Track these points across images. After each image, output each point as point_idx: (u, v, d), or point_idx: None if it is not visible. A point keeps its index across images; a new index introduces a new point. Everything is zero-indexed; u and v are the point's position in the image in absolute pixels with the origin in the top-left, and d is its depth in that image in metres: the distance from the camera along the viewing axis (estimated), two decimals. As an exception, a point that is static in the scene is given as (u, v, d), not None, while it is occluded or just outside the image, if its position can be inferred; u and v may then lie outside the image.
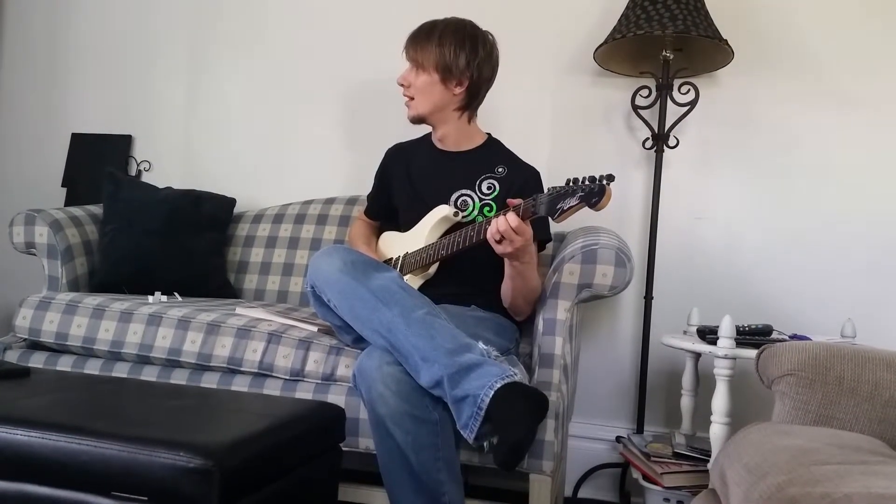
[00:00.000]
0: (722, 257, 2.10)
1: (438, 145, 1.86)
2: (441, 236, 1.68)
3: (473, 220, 1.70)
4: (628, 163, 2.16)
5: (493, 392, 1.23)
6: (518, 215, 1.42)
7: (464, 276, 1.70)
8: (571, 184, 1.38)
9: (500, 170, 1.78)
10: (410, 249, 1.74)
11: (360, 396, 1.38)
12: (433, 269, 1.70)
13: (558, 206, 1.37)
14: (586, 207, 1.34)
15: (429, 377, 1.28)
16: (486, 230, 1.47)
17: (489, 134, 1.88)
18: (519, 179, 1.76)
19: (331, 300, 1.45)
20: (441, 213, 1.71)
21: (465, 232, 1.57)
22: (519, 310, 1.67)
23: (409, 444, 1.29)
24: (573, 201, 1.35)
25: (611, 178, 1.33)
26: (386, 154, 1.96)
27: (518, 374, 1.28)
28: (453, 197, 1.77)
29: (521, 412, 1.24)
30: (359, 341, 1.49)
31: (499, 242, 1.44)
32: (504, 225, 1.41)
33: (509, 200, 1.47)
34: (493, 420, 1.24)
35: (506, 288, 1.62)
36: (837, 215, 2.03)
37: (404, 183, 1.87)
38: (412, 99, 1.77)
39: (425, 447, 1.29)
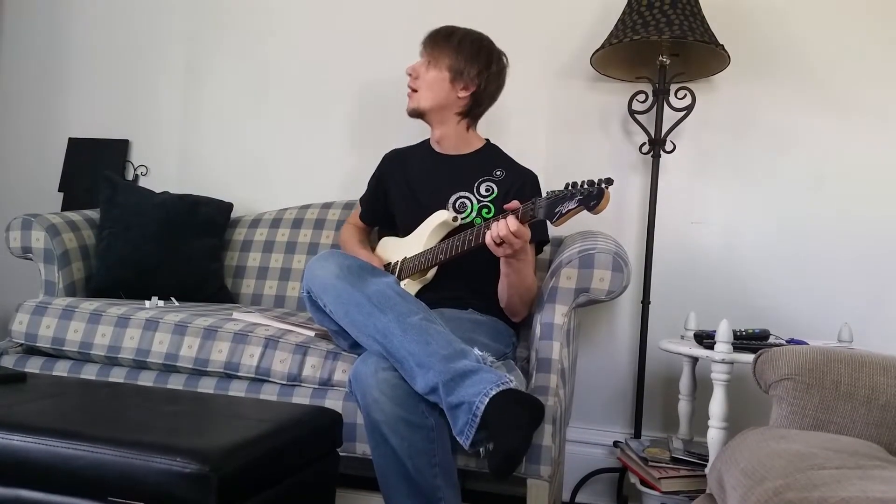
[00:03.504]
0: (719, 262, 2.11)
1: (437, 148, 1.87)
2: (440, 241, 1.68)
3: (472, 223, 1.71)
4: (625, 168, 2.16)
5: (488, 399, 1.23)
6: (517, 219, 1.43)
7: (462, 279, 1.70)
8: (570, 188, 1.39)
9: (497, 173, 1.80)
10: (409, 254, 1.74)
11: (356, 402, 1.38)
12: (432, 273, 1.71)
13: (557, 210, 1.38)
14: (585, 211, 1.35)
15: (424, 383, 1.28)
16: (484, 234, 1.48)
17: (487, 140, 1.90)
18: (517, 182, 1.77)
19: (327, 305, 1.45)
20: (440, 219, 1.71)
21: (463, 236, 1.57)
22: (515, 310, 1.67)
23: (405, 449, 1.28)
24: (571, 205, 1.36)
25: (609, 181, 1.34)
26: (383, 159, 1.97)
27: (514, 381, 1.28)
28: (451, 199, 1.77)
29: (517, 419, 1.23)
30: (356, 346, 1.49)
31: (498, 245, 1.45)
32: (504, 230, 1.43)
33: (507, 206, 1.48)
34: (488, 427, 1.24)
35: (502, 286, 1.63)
36: (834, 220, 2.03)
37: (402, 187, 1.87)
38: (415, 91, 1.79)
39: (421, 453, 1.29)
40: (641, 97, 2.06)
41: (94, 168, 2.54)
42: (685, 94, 2.01)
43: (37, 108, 2.74)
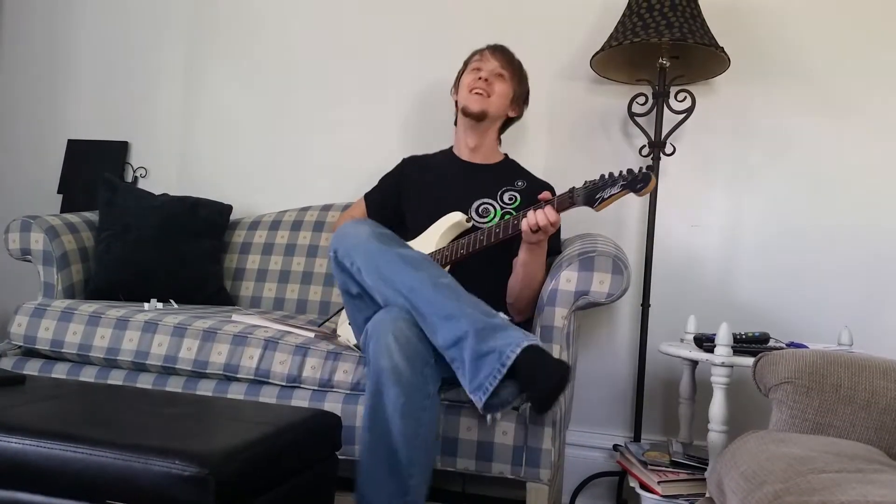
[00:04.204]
0: (719, 265, 2.10)
1: (462, 156, 1.94)
2: (451, 242, 1.69)
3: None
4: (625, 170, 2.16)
5: (520, 349, 1.26)
6: (554, 207, 1.50)
7: (473, 286, 1.70)
8: (608, 176, 1.47)
9: (519, 183, 1.87)
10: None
11: (366, 358, 1.38)
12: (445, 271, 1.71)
13: (598, 196, 1.45)
14: (630, 194, 1.42)
15: (450, 333, 1.30)
16: (515, 224, 1.54)
17: (506, 154, 1.98)
18: (537, 192, 1.80)
19: (354, 263, 1.45)
20: (453, 220, 1.74)
21: (490, 230, 1.60)
22: (522, 305, 1.69)
23: (399, 405, 1.29)
24: (615, 189, 1.43)
25: (651, 168, 1.37)
26: (403, 161, 2.02)
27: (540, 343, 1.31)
28: (475, 204, 1.82)
29: (550, 369, 1.26)
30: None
31: (534, 232, 1.52)
32: (544, 220, 1.49)
33: (541, 196, 1.54)
34: (517, 377, 1.26)
35: (516, 277, 1.65)
36: (834, 223, 2.03)
37: (421, 190, 1.91)
38: (488, 96, 1.86)
39: (411, 416, 1.30)
40: (641, 99, 2.06)
41: (94, 170, 2.54)
42: (685, 97, 2.01)
43: (36, 110, 2.74)
